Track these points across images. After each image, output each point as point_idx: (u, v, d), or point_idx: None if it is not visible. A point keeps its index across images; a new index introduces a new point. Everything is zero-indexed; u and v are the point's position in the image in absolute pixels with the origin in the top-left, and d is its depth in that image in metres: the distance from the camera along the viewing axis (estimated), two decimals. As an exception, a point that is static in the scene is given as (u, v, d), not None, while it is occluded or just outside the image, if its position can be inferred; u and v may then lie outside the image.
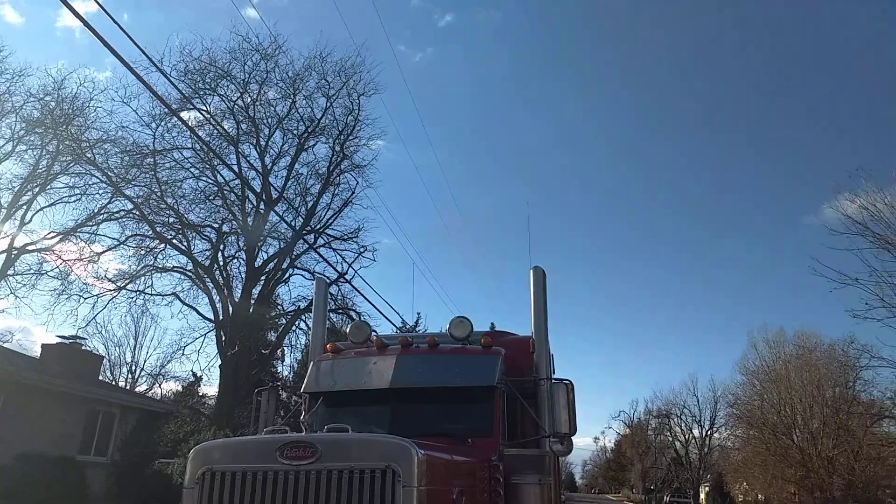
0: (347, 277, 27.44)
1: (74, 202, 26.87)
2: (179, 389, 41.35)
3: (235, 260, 29.28)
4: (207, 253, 28.54)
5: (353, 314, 28.08)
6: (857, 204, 23.16)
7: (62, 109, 25.88)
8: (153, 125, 26.31)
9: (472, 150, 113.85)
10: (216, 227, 28.68)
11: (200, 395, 41.14)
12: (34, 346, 35.99)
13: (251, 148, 29.24)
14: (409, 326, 25.86)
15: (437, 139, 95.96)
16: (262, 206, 28.31)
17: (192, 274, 28.23)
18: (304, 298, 29.03)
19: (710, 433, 66.47)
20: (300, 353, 30.56)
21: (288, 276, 30.12)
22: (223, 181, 28.28)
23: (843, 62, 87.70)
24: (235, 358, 26.40)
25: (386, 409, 6.64)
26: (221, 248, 28.79)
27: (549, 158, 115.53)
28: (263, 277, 29.09)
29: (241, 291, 28.08)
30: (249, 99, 28.36)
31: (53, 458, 17.14)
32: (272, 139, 29.49)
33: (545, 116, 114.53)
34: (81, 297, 26.57)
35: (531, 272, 7.69)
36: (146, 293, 27.87)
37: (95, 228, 27.15)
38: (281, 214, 28.03)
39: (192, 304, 28.33)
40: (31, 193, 26.57)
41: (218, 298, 27.79)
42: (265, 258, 29.24)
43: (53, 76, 26.33)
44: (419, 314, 32.24)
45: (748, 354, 44.76)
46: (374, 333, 7.72)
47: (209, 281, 27.85)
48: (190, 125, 22.80)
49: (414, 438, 4.70)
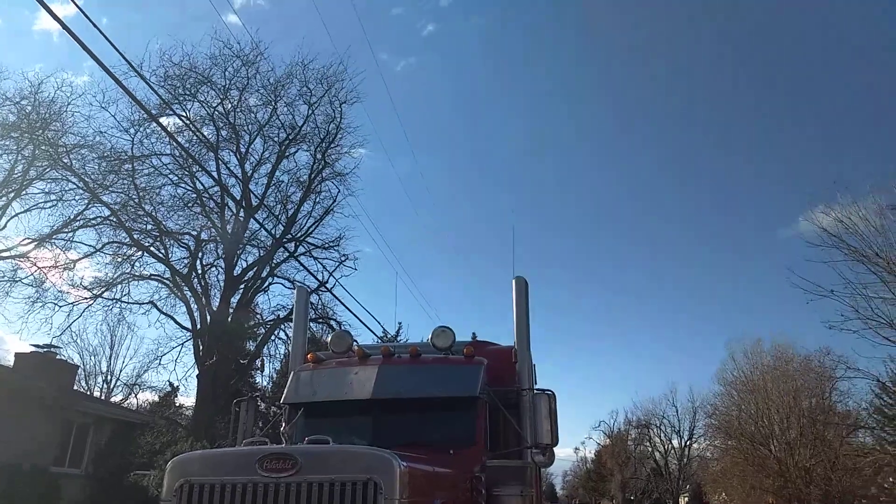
0: (328, 286, 27.35)
1: (50, 208, 26.32)
2: (156, 400, 40.84)
3: (214, 268, 29.03)
4: (185, 261, 28.22)
5: (333, 323, 27.88)
6: (832, 217, 23.37)
7: (39, 114, 25.38)
8: (132, 131, 26.10)
9: (455, 158, 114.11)
10: (195, 234, 28.40)
11: (177, 405, 40.67)
12: (7, 354, 35.40)
13: (231, 155, 29.08)
14: (390, 336, 25.72)
15: (419, 147, 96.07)
16: (241, 213, 28.05)
17: (169, 282, 27.87)
18: (283, 307, 28.86)
19: (689, 443, 67.23)
20: (279, 363, 30.27)
21: (267, 284, 29.93)
22: (202, 188, 28.06)
23: (822, 76, 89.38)
24: (213, 368, 26.07)
25: (368, 419, 6.59)
26: (200, 255, 28.50)
27: (532, 166, 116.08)
28: (242, 286, 28.84)
29: (219, 300, 27.79)
30: (230, 105, 28.25)
31: (26, 469, 16.74)
32: (253, 146, 29.39)
33: (528, 124, 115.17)
34: (56, 305, 26.15)
35: (513, 282, 7.73)
36: (123, 301, 27.46)
37: (71, 235, 26.63)
38: (261, 222, 27.80)
39: (169, 312, 28.02)
40: (5, 199, 25.98)
41: (196, 307, 27.47)
42: (244, 266, 28.99)
43: (30, 80, 25.75)
44: (400, 324, 32.10)
45: (726, 365, 45.04)
46: (355, 343, 7.66)
47: (187, 289, 27.53)
48: (169, 131, 22.56)
49: (396, 450, 4.67)
